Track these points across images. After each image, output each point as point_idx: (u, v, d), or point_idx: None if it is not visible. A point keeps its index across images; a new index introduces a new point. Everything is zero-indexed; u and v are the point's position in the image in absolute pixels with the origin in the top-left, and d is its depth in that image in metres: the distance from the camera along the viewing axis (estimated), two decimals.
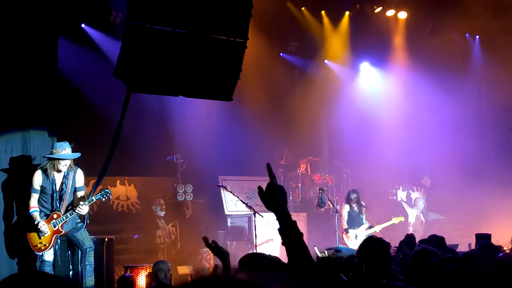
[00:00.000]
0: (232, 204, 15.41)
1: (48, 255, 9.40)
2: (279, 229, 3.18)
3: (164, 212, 14.88)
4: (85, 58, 14.87)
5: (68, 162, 9.58)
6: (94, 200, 9.68)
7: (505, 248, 8.40)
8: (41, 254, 9.35)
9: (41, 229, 9.24)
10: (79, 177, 9.76)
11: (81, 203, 9.38)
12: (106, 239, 11.08)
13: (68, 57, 13.47)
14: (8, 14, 10.03)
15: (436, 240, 7.46)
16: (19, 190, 9.79)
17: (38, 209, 9.41)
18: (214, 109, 15.81)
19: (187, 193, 15.78)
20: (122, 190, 15.94)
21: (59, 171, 9.52)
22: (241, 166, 16.50)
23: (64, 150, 9.53)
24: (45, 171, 9.48)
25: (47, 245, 9.31)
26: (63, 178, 9.57)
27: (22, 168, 9.88)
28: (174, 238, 14.86)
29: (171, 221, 15.02)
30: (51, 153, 9.51)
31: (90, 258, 9.59)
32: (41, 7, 10.37)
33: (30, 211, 9.36)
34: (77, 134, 13.74)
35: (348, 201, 13.92)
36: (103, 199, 9.99)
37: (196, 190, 15.90)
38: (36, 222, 9.26)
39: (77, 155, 9.77)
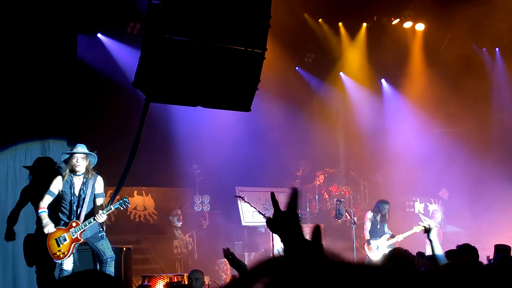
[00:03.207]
0: (249, 215, 15.42)
1: (67, 264, 9.38)
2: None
3: (181, 223, 14.90)
4: (105, 63, 14.98)
5: (83, 162, 9.42)
6: (113, 209, 9.54)
7: None
8: (60, 262, 9.36)
9: (47, 228, 9.12)
10: (99, 184, 9.61)
11: (100, 211, 9.32)
12: (124, 249, 11.11)
13: (89, 60, 13.62)
14: (26, 24, 10.12)
15: (466, 251, 7.22)
16: (39, 199, 9.80)
17: (47, 211, 9.26)
18: (232, 120, 15.82)
19: (204, 204, 15.83)
20: (140, 201, 15.99)
21: (74, 171, 9.37)
22: (258, 177, 16.50)
23: (77, 149, 9.43)
24: (63, 176, 9.46)
25: (66, 253, 9.28)
26: (81, 185, 9.44)
27: (41, 177, 9.92)
28: (191, 249, 14.87)
29: (188, 232, 15.04)
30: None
31: (111, 268, 9.57)
32: (59, 18, 10.46)
33: (39, 211, 9.23)
34: (96, 144, 13.86)
35: (376, 210, 13.43)
36: (122, 208, 9.93)
37: (213, 200, 15.95)
38: (44, 222, 9.11)
39: (93, 154, 9.61)
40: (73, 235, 9.30)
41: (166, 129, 15.59)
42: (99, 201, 9.57)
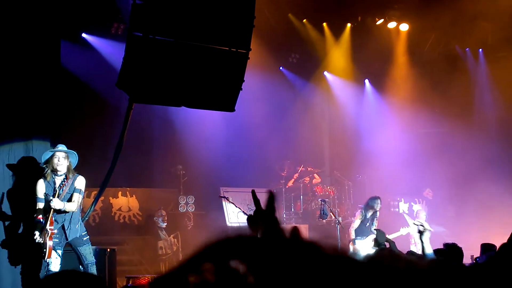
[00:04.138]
0: (234, 216, 15.40)
1: (54, 265, 9.41)
2: None
3: (165, 223, 14.88)
4: (88, 65, 14.90)
5: (64, 161, 9.36)
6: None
7: None
8: (47, 263, 9.35)
9: (37, 240, 9.22)
10: (79, 181, 9.51)
11: (57, 199, 9.11)
12: (108, 250, 11.07)
13: (71, 63, 13.53)
14: (10, 24, 10.05)
15: (453, 250, 7.27)
16: (23, 200, 9.77)
17: (43, 221, 9.33)
18: (216, 120, 15.81)
19: (189, 205, 15.81)
20: (124, 201, 15.93)
21: (55, 171, 9.32)
22: (243, 178, 16.49)
23: (58, 148, 9.42)
24: (45, 177, 9.39)
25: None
26: (60, 183, 9.36)
27: (25, 177, 9.89)
28: (175, 249, 14.84)
29: (173, 232, 15.01)
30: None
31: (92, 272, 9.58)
32: (42, 19, 10.39)
33: (36, 220, 9.28)
34: (79, 144, 13.79)
35: (368, 207, 13.04)
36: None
37: (197, 201, 15.92)
38: (38, 232, 9.22)
39: (73, 153, 9.53)
40: (47, 234, 9.33)
41: (150, 129, 15.56)
42: (75, 195, 9.41)
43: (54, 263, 9.37)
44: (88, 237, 9.69)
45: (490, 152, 17.71)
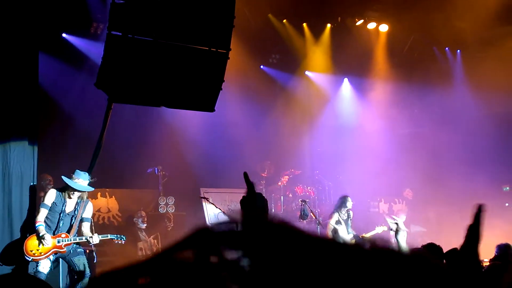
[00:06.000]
0: (214, 216, 15.34)
1: (44, 267, 9.49)
2: None
3: (145, 225, 14.77)
4: (66, 70, 14.79)
5: (79, 193, 9.84)
6: (109, 237, 10.42)
7: (485, 260, 8.48)
8: (30, 259, 9.40)
9: (45, 241, 9.38)
10: (89, 209, 10.09)
11: (96, 234, 9.82)
12: (87, 251, 11.01)
13: (48, 70, 13.40)
14: None
15: (431, 250, 7.24)
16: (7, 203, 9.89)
17: (44, 224, 9.55)
18: (196, 120, 15.76)
19: (169, 205, 15.72)
20: (103, 203, 15.80)
21: (69, 197, 9.76)
22: (223, 179, 16.45)
23: (83, 182, 9.77)
24: (61, 191, 9.76)
25: (42, 253, 9.47)
26: (76, 204, 9.84)
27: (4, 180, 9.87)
28: (155, 251, 14.73)
29: (153, 234, 14.91)
30: (71, 178, 9.75)
31: (84, 285, 9.69)
32: (21, 21, 10.28)
33: (37, 225, 9.52)
34: (57, 145, 13.69)
35: (340, 208, 13.25)
36: (116, 241, 10.84)
37: (177, 202, 15.84)
38: (41, 234, 9.39)
39: (91, 189, 10.07)
40: (57, 243, 9.47)
41: (130, 129, 15.44)
42: (86, 225, 9.98)
43: (44, 264, 9.48)
44: (82, 250, 10.08)
45: (470, 152, 17.80)
